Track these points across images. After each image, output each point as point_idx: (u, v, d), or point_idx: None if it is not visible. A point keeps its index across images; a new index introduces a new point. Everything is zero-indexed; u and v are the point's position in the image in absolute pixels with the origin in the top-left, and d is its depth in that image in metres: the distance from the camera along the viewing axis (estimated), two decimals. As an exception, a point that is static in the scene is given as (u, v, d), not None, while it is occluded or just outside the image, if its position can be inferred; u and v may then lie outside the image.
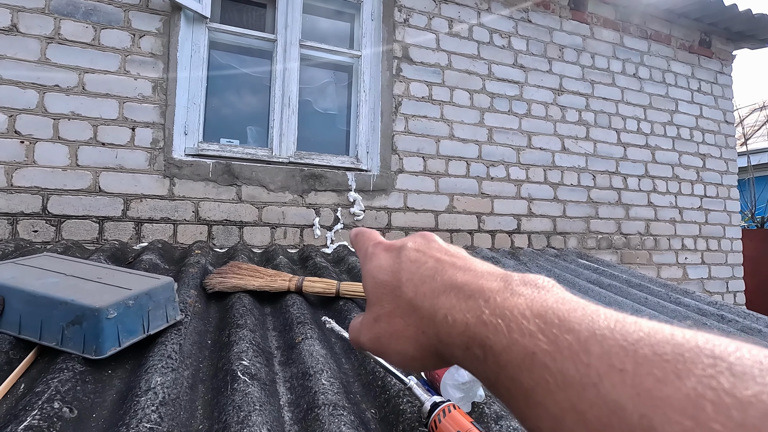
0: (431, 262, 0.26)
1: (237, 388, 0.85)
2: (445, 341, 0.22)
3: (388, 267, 0.27)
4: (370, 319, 0.27)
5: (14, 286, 0.94)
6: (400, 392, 0.90)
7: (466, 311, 0.21)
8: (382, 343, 0.26)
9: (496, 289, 0.21)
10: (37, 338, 0.91)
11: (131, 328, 0.94)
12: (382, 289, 0.26)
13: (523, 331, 0.19)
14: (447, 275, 0.24)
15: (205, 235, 1.96)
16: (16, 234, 1.69)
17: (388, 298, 0.26)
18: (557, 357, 0.17)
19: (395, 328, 0.25)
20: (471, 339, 0.20)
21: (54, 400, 0.74)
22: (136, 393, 0.79)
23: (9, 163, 1.70)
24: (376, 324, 0.26)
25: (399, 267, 0.27)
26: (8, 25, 1.72)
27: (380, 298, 0.27)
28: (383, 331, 0.26)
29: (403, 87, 2.38)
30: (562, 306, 0.19)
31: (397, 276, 0.26)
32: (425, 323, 0.23)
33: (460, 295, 0.22)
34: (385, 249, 0.29)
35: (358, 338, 0.28)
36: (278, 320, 1.29)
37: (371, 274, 0.28)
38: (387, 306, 0.26)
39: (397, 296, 0.26)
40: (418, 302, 0.24)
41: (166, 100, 1.92)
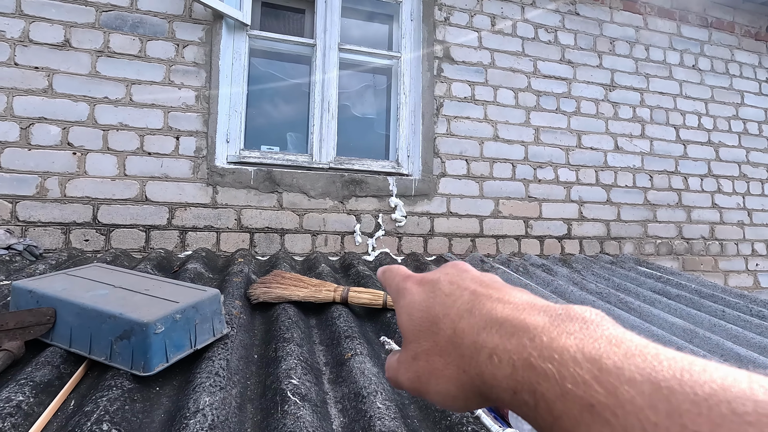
0: (467, 294, 0.25)
1: (288, 410, 0.79)
2: (490, 383, 0.20)
3: (422, 302, 0.26)
4: (408, 358, 0.26)
5: (65, 299, 0.93)
6: (464, 419, 0.81)
7: (511, 352, 0.20)
8: (421, 383, 0.25)
9: (541, 326, 0.20)
10: (87, 352, 0.90)
11: (178, 342, 0.91)
12: (419, 326, 0.25)
13: (576, 379, 0.17)
14: (485, 309, 0.23)
15: (247, 242, 1.94)
16: (69, 243, 1.73)
17: (425, 336, 0.25)
18: (618, 412, 0.15)
19: (434, 367, 0.24)
20: (519, 384, 0.19)
21: (103, 422, 0.70)
22: (185, 414, 0.74)
23: (63, 174, 1.74)
24: (414, 362, 0.25)
25: (433, 302, 0.25)
26: (62, 40, 1.78)
27: (417, 335, 0.25)
28: (422, 370, 0.25)
29: (445, 88, 2.30)
30: (618, 349, 0.17)
31: (433, 311, 0.25)
32: (466, 362, 0.22)
33: (503, 333, 0.21)
34: (417, 283, 0.28)
35: (396, 377, 0.27)
36: (325, 333, 1.24)
37: (405, 311, 0.27)
38: (425, 344, 0.25)
39: (434, 333, 0.24)
40: (458, 340, 0.23)
41: (209, 108, 1.93)
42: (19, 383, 0.79)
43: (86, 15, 1.81)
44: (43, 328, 0.93)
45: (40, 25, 1.76)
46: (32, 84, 1.73)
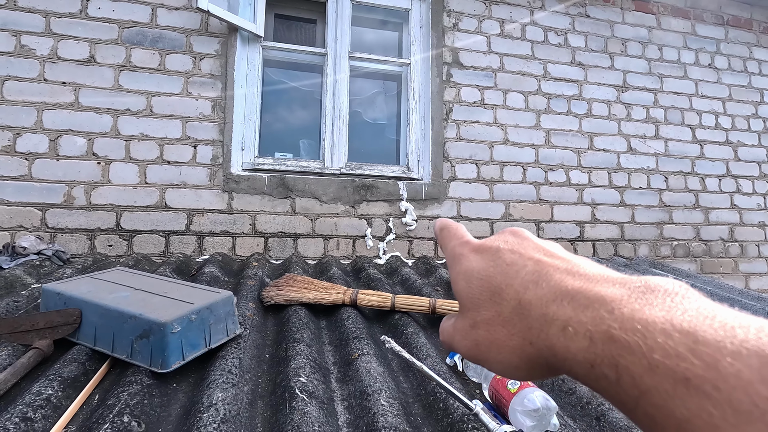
0: (530, 264, 0.24)
1: (295, 406, 0.83)
2: (562, 356, 0.20)
3: (482, 270, 0.25)
4: (465, 325, 0.25)
5: (90, 300, 1.00)
6: (465, 416, 0.83)
7: (587, 324, 0.19)
8: (480, 351, 0.25)
9: (619, 298, 0.19)
10: (109, 350, 0.96)
11: (194, 342, 0.96)
12: (478, 295, 0.25)
13: (667, 352, 0.16)
14: (554, 280, 0.22)
15: (262, 247, 2.00)
16: (94, 248, 1.82)
17: (486, 305, 0.24)
18: (722, 386, 0.14)
19: (496, 337, 0.23)
20: (598, 357, 0.18)
21: (123, 414, 0.76)
22: (199, 409, 0.79)
23: (88, 183, 1.84)
24: (473, 331, 0.25)
25: (495, 271, 0.24)
26: (87, 56, 1.88)
27: (476, 304, 0.25)
28: (482, 339, 0.24)
29: (454, 93, 2.32)
30: (712, 322, 0.16)
31: (494, 281, 0.24)
32: (534, 334, 0.21)
33: (576, 305, 0.20)
34: (475, 250, 0.27)
35: (452, 343, 0.27)
36: (334, 334, 1.28)
37: (463, 278, 0.26)
38: (485, 313, 0.24)
39: (496, 303, 0.24)
40: (524, 311, 0.22)
41: (224, 117, 2.00)
42: (49, 378, 0.85)
43: (110, 32, 1.91)
44: (70, 327, 0.99)
45: (68, 43, 1.86)
46: (60, 98, 1.84)
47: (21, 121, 1.79)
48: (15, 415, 0.73)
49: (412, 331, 1.25)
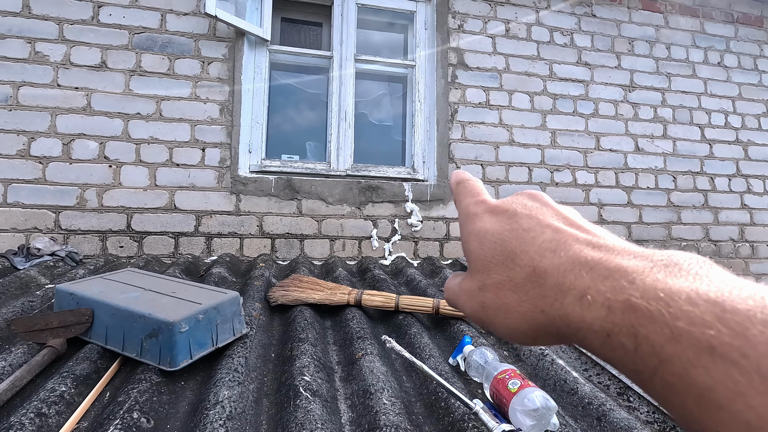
0: (549, 232, 0.23)
1: (299, 404, 0.85)
2: (576, 325, 0.19)
3: (496, 233, 0.24)
4: (473, 287, 0.25)
5: (102, 300, 1.03)
6: (465, 416, 0.85)
7: (607, 293, 0.18)
8: (487, 314, 0.24)
9: (641, 269, 0.18)
10: (120, 349, 0.98)
11: (201, 341, 0.98)
12: (490, 257, 0.24)
13: (693, 320, 0.15)
14: (573, 250, 0.21)
15: (269, 248, 2.03)
16: (106, 249, 1.87)
17: (497, 268, 0.23)
18: (750, 354, 0.14)
19: (505, 302, 0.23)
20: (615, 326, 0.18)
21: (133, 411, 0.78)
22: (205, 406, 0.81)
23: (100, 186, 1.88)
24: (480, 293, 0.24)
25: (510, 235, 0.24)
26: (99, 62, 1.93)
27: (486, 266, 0.24)
28: (490, 302, 0.24)
29: (459, 94, 2.33)
30: (740, 292, 0.16)
31: (509, 245, 0.23)
32: (548, 303, 0.21)
33: (594, 275, 0.19)
34: (490, 211, 0.26)
35: (456, 302, 0.27)
36: (338, 334, 1.29)
37: (476, 239, 0.25)
38: (495, 276, 0.23)
39: (509, 268, 0.23)
40: (539, 279, 0.21)
41: (232, 120, 2.04)
42: (62, 376, 0.88)
43: (120, 38, 1.96)
44: (82, 327, 1.02)
45: (80, 49, 1.91)
46: (73, 103, 1.88)
47: (35, 126, 1.84)
48: (30, 410, 0.76)
49: (415, 332, 1.26)
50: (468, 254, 0.26)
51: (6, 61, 1.83)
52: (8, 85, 1.83)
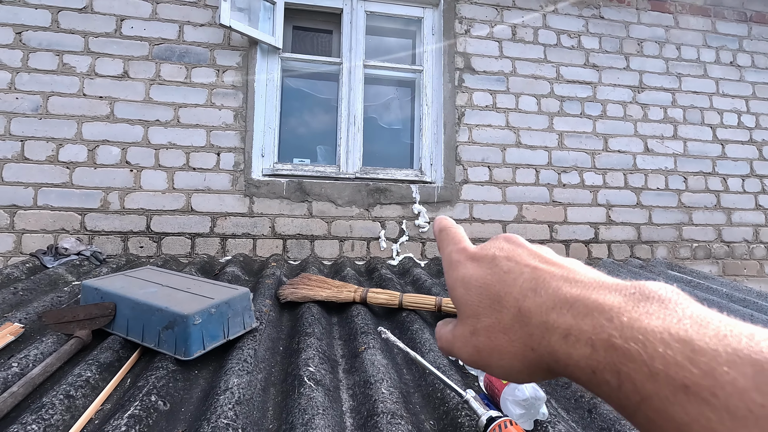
0: (527, 271, 0.24)
1: (303, 392, 0.91)
2: (564, 362, 0.20)
3: (480, 279, 0.26)
4: (465, 332, 0.26)
5: (123, 295, 1.11)
6: (459, 405, 0.89)
7: (588, 333, 0.19)
8: (482, 357, 0.25)
9: (617, 306, 0.19)
10: (140, 340, 1.06)
11: (214, 333, 1.05)
12: (477, 303, 0.25)
13: (667, 360, 0.17)
14: (551, 288, 0.22)
15: (281, 248, 2.11)
16: (127, 249, 1.97)
17: (485, 312, 0.25)
18: (719, 393, 0.15)
19: (497, 344, 0.24)
20: (600, 364, 0.19)
21: (152, 394, 0.85)
22: (216, 392, 0.88)
23: (122, 189, 1.99)
24: (473, 337, 0.25)
25: (493, 279, 0.25)
26: (121, 72, 2.04)
27: (475, 311, 0.25)
28: (483, 346, 0.25)
29: (466, 97, 2.38)
30: (707, 330, 0.17)
31: (493, 289, 0.25)
32: (535, 341, 0.22)
33: (575, 313, 0.20)
34: (471, 258, 0.28)
35: (452, 350, 0.27)
36: (344, 329, 1.35)
37: (462, 285, 0.27)
38: (485, 320, 0.25)
39: (496, 311, 0.24)
40: (525, 319, 0.23)
41: (246, 126, 2.12)
42: (88, 363, 0.96)
43: (141, 49, 2.06)
44: (106, 319, 1.11)
45: (104, 60, 2.02)
46: (97, 111, 2.00)
47: (63, 133, 1.96)
48: (59, 392, 0.84)
49: (417, 328, 1.31)
50: (456, 300, 0.27)
51: (37, 72, 1.95)
52: (39, 95, 1.95)
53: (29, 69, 1.95)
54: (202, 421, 0.79)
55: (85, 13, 2.02)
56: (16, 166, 1.90)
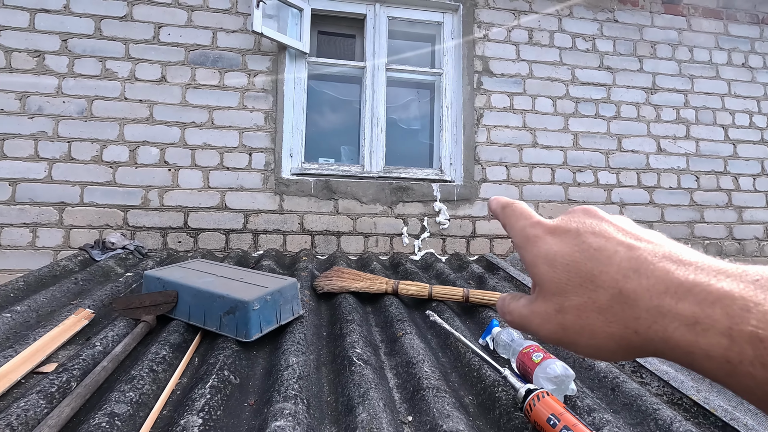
0: (622, 250, 0.23)
1: (354, 370, 1.02)
2: (685, 349, 0.20)
3: (567, 255, 0.25)
4: (549, 310, 0.25)
5: (184, 284, 1.22)
6: (496, 382, 0.99)
7: (725, 323, 0.18)
8: (567, 335, 0.24)
9: (748, 296, 0.18)
10: (201, 324, 1.18)
11: (268, 318, 1.16)
12: (565, 281, 0.24)
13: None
14: (659, 270, 0.21)
15: (309, 243, 2.22)
16: (166, 244, 2.09)
17: (576, 291, 0.24)
18: None
19: (588, 323, 0.23)
20: (743, 357, 0.18)
21: (224, 369, 0.96)
22: (279, 368, 0.99)
23: (161, 187, 2.11)
24: (559, 315, 0.24)
25: (582, 256, 0.24)
26: (159, 77, 2.15)
27: (562, 289, 0.24)
28: (571, 324, 0.24)
29: (484, 99, 2.47)
30: None
31: (583, 267, 0.24)
32: (642, 325, 0.21)
33: (698, 300, 0.19)
34: (551, 232, 0.26)
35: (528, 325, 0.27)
36: (379, 318, 1.46)
37: (546, 262, 0.25)
38: (575, 298, 0.24)
39: (589, 290, 0.23)
40: (628, 301, 0.22)
41: (275, 127, 2.23)
42: (161, 344, 1.07)
43: (178, 54, 2.18)
44: (169, 306, 1.22)
45: (143, 66, 2.14)
46: (137, 114, 2.12)
47: (106, 135, 2.08)
48: (144, 367, 0.95)
49: (448, 316, 1.41)
50: (537, 277, 0.26)
51: (82, 78, 2.08)
52: (84, 99, 2.07)
53: (75, 74, 2.07)
54: (272, 392, 0.90)
55: (125, 21, 2.14)
56: (63, 166, 2.03)
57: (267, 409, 0.86)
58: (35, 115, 2.02)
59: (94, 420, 0.76)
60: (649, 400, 0.97)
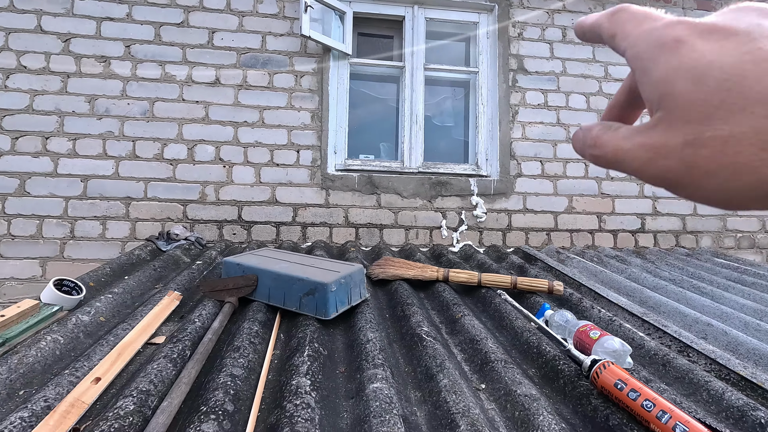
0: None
1: (427, 345, 1.13)
2: None
3: (727, 66, 0.18)
4: (675, 142, 0.19)
5: (263, 268, 1.35)
6: (556, 357, 1.10)
7: None
8: (692, 176, 0.19)
9: None
10: (281, 304, 1.30)
11: (342, 299, 1.29)
12: (717, 102, 0.18)
13: None
14: None
15: (353, 236, 2.34)
16: (222, 236, 2.24)
17: (730, 117, 0.18)
18: None
19: (736, 161, 0.18)
20: None
21: (314, 342, 1.09)
22: (360, 342, 1.11)
23: (217, 183, 2.25)
24: (689, 149, 0.19)
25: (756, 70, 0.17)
26: (214, 79, 2.30)
27: (709, 114, 0.18)
28: (705, 162, 0.18)
29: (519, 96, 2.55)
30: None
31: (756, 85, 0.17)
32: None
33: None
34: (704, 35, 0.19)
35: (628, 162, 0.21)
36: (434, 302, 1.57)
37: (690, 76, 0.19)
38: (724, 128, 0.18)
39: (754, 116, 0.17)
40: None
41: (321, 126, 2.36)
42: (250, 321, 1.20)
43: (230, 58, 2.32)
44: (249, 288, 1.35)
45: (199, 69, 2.28)
46: (194, 114, 2.26)
47: (167, 134, 2.23)
48: (244, 340, 1.08)
49: (499, 301, 1.52)
50: (669, 98, 0.19)
51: (144, 81, 2.23)
52: (146, 101, 2.22)
53: (137, 78, 2.23)
54: (360, 361, 1.02)
55: (182, 27, 2.28)
56: (129, 163, 2.19)
57: (360, 375, 0.98)
58: (103, 116, 2.18)
59: (219, 379, 0.89)
60: (699, 374, 1.06)
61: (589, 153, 0.23)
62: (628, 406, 0.83)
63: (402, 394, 0.94)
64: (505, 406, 0.93)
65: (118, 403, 0.80)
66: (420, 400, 0.96)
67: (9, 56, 2.12)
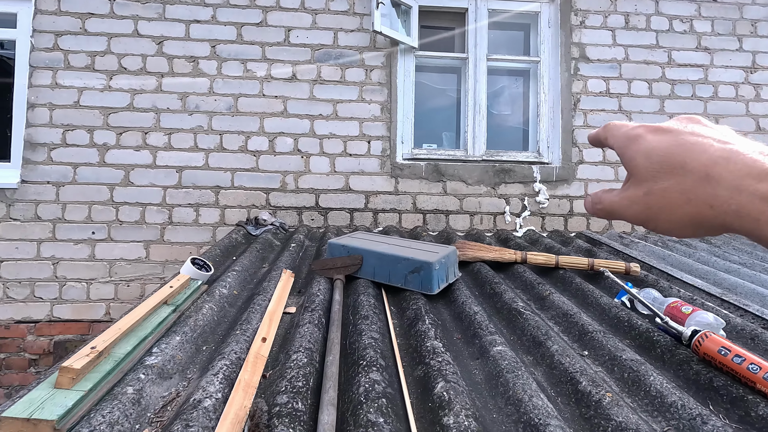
0: (717, 144, 0.26)
1: (526, 317, 1.26)
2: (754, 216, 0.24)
3: (664, 149, 0.28)
4: (638, 193, 0.30)
5: (367, 249, 1.51)
6: (649, 329, 1.20)
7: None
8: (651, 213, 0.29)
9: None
10: (386, 281, 1.46)
11: (442, 277, 1.43)
12: (658, 168, 0.28)
13: None
14: (747, 159, 0.25)
15: (421, 221, 2.48)
16: (302, 222, 2.42)
17: (664, 177, 0.28)
18: None
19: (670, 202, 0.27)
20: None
21: (429, 313, 1.24)
22: (467, 314, 1.25)
23: (296, 172, 2.43)
24: (646, 197, 0.29)
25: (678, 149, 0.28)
26: (290, 75, 2.46)
27: (653, 176, 0.28)
28: (654, 203, 0.29)
29: (581, 85, 2.59)
30: None
31: (678, 158, 0.27)
32: (720, 201, 0.25)
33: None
34: (653, 131, 0.30)
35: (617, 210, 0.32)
36: (515, 282, 1.69)
37: (644, 155, 0.29)
38: (662, 183, 0.28)
39: (678, 175, 0.27)
40: (712, 183, 0.25)
41: (390, 117, 2.49)
42: (365, 294, 1.36)
43: (305, 54, 2.47)
44: (355, 267, 1.51)
45: (277, 66, 2.45)
46: (274, 109, 2.43)
47: (250, 127, 2.42)
48: (365, 310, 1.24)
49: (579, 281, 1.62)
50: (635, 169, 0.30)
51: (228, 78, 2.41)
52: (230, 97, 2.41)
53: (222, 75, 2.41)
54: (475, 329, 1.16)
55: (261, 27, 2.45)
56: (217, 155, 2.39)
57: (478, 341, 1.12)
58: (193, 112, 2.39)
59: (364, 341, 1.05)
60: None
61: (596, 208, 0.34)
62: (733, 369, 0.93)
63: (518, 357, 1.08)
64: (612, 369, 1.05)
65: (292, 357, 0.97)
66: (533, 362, 1.10)
67: (111, 59, 2.34)
